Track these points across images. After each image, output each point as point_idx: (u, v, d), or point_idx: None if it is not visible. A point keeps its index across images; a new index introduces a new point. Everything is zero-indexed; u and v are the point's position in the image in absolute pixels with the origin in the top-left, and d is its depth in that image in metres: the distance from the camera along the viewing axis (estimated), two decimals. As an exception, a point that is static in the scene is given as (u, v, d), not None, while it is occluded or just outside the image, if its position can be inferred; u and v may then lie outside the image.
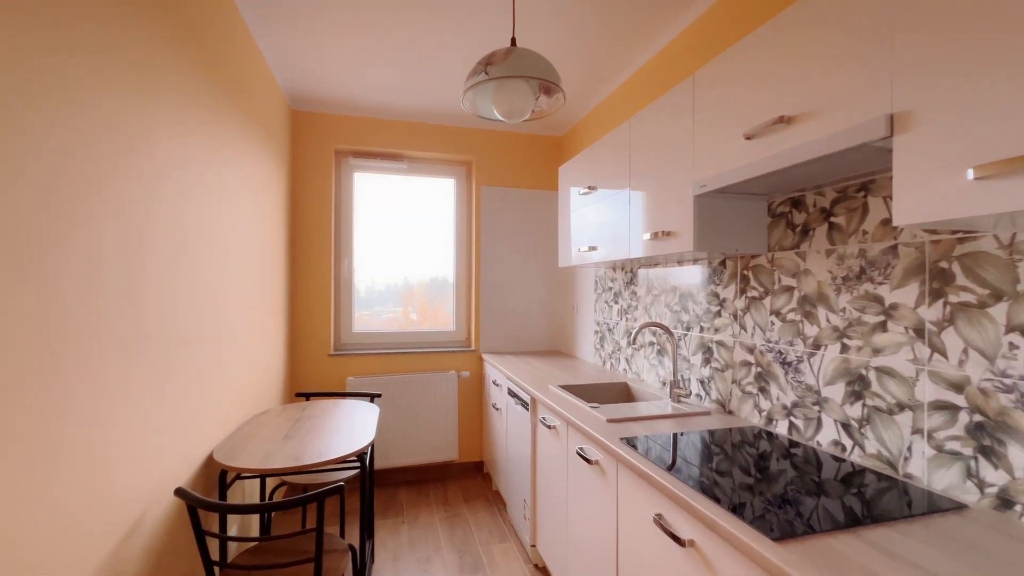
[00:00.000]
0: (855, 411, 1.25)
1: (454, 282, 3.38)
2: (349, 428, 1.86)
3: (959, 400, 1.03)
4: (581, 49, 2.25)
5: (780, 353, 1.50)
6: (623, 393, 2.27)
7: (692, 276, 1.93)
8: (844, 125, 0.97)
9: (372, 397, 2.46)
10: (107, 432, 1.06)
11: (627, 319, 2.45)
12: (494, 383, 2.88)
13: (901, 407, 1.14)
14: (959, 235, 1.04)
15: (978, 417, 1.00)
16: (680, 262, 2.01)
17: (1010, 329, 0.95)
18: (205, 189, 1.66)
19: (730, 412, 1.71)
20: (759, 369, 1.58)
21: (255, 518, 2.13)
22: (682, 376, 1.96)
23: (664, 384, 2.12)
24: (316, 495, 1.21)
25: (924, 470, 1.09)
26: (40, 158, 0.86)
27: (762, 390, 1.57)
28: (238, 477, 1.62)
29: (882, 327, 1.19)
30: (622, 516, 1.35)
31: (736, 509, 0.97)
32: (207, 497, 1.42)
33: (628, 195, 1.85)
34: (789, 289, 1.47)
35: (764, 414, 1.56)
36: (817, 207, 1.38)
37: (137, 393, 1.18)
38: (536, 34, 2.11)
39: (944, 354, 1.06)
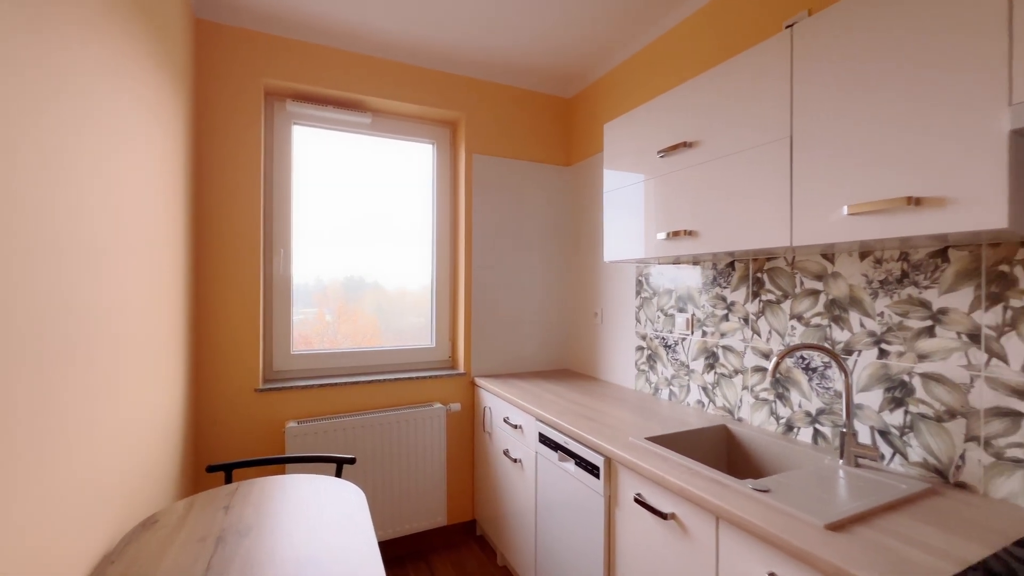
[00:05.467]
0: None
1: (433, 281, 2.53)
2: (331, 557, 0.99)
3: None
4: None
5: (1111, 402, 0.90)
6: (723, 442, 1.60)
7: (857, 274, 1.31)
8: None
9: (340, 464, 1.56)
10: None
11: (705, 333, 1.79)
12: (507, 421, 2.09)
13: None
14: None
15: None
16: (827, 254, 1.38)
17: None
18: (35, 131, 0.73)
19: (961, 486, 1.10)
20: (1049, 425, 0.98)
21: None
22: (867, 426, 1.32)
23: (790, 429, 1.48)
24: None
25: None
26: None
27: (1054, 459, 0.97)
28: None
29: None
30: None
31: None
32: None
33: (789, 148, 1.18)
34: None
35: (1062, 499, 0.96)
36: None
37: None
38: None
39: None
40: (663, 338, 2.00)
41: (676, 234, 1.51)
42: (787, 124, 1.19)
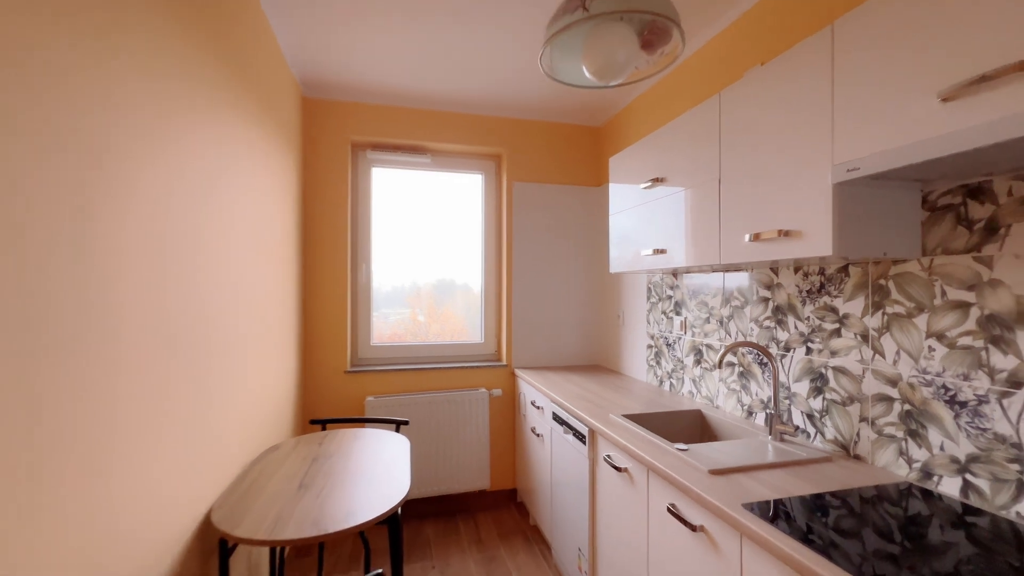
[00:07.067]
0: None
1: (481, 288, 3.04)
2: (377, 472, 1.52)
3: None
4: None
5: (945, 389, 1.14)
6: (697, 424, 1.91)
7: (792, 285, 1.58)
8: None
9: (398, 425, 2.13)
10: (66, 491, 0.74)
11: (694, 333, 2.09)
12: (533, 404, 2.54)
13: None
14: None
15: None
16: (774, 268, 1.66)
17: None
18: (219, 185, 1.39)
19: (857, 457, 1.36)
20: (908, 407, 1.22)
21: (264, 564, 1.80)
22: (785, 408, 1.60)
23: (750, 414, 1.76)
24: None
25: None
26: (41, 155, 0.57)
27: (913, 434, 1.21)
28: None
29: None
30: (753, 613, 1.00)
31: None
32: (205, 569, 1.09)
33: (718, 187, 1.51)
34: (961, 306, 1.12)
35: (917, 466, 1.20)
36: (1016, 196, 1.03)
37: (125, 428, 0.86)
38: None
39: None
40: (665, 337, 2.31)
41: (657, 251, 1.86)
42: (717, 167, 1.51)
